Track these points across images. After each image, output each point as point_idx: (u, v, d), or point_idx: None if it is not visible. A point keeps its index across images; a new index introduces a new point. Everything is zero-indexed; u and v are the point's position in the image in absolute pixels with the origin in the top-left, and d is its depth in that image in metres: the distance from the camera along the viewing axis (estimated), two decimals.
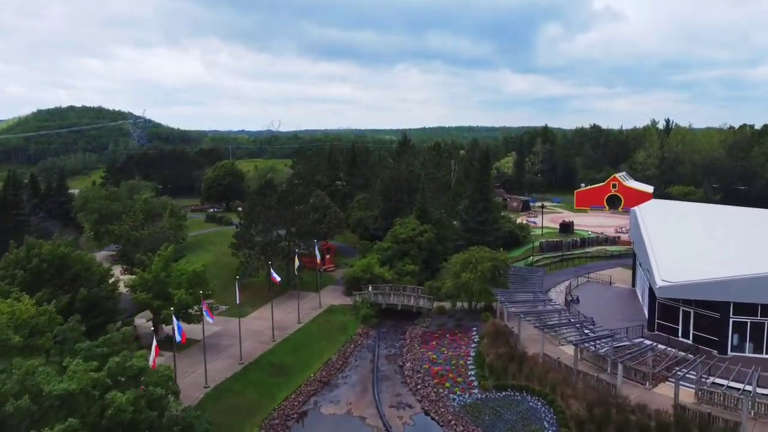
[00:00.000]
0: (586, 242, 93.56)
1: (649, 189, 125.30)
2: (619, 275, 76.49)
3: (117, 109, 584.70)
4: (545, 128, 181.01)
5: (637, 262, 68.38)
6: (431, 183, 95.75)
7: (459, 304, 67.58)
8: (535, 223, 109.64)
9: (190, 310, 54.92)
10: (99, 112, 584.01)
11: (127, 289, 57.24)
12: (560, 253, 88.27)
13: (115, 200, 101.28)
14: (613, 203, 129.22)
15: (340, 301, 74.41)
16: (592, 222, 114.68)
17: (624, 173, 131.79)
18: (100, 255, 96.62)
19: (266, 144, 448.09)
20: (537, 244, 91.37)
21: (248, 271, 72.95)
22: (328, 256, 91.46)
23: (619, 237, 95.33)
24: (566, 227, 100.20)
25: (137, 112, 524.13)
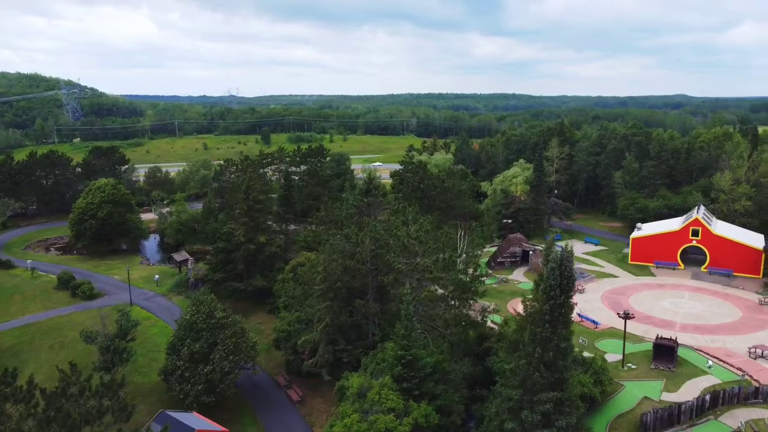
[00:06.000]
0: (719, 399, 48.50)
1: (757, 241, 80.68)
2: None
3: (55, 77, 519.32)
4: (562, 124, 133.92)
5: None
6: (420, 274, 49.14)
7: None
8: (595, 324, 64.01)
9: None
10: (33, 80, 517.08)
11: None
12: None
13: None
14: (687, 257, 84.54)
15: None
16: (672, 307, 69.84)
17: (704, 211, 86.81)
18: None
19: (218, 118, 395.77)
20: (629, 404, 46.49)
21: None
22: None
23: None
24: (666, 353, 54.66)
25: (83, 81, 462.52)
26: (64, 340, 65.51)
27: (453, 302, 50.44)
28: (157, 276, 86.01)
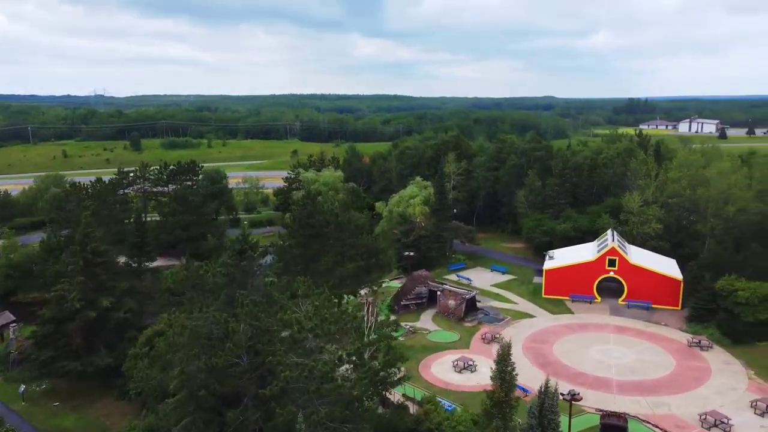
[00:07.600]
0: None
1: (674, 270, 75.44)
2: None
3: None
4: (458, 137, 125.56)
5: None
6: (317, 382, 35.98)
7: None
8: (525, 392, 54.03)
9: None
10: None
11: None
12: None
13: None
14: (601, 285, 78.08)
15: None
16: (602, 357, 61.98)
17: (618, 237, 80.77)
18: None
19: (81, 121, 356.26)
20: None
21: None
22: None
23: None
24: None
25: None
26: None
27: (363, 403, 37.84)
28: None
